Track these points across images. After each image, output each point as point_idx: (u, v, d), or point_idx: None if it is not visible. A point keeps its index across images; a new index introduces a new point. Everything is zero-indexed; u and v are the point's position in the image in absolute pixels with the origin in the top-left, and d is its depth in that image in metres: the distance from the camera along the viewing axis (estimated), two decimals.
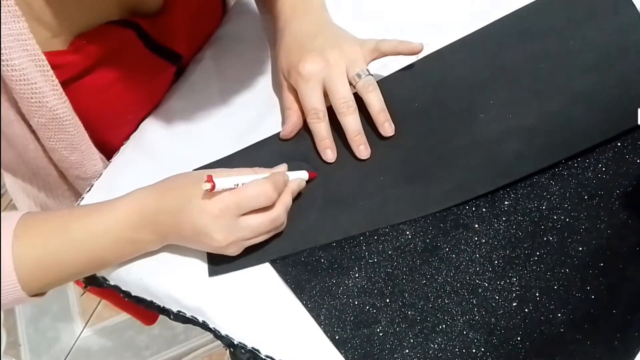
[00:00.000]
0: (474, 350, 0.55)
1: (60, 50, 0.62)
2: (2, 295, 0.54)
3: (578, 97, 0.66)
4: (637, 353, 0.54)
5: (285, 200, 0.60)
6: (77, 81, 0.64)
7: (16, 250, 0.55)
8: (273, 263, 0.61)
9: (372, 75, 0.67)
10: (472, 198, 0.62)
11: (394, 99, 0.69)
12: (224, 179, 0.56)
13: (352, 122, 0.66)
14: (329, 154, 0.67)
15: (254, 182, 0.57)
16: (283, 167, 0.63)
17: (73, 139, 0.66)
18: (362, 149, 0.66)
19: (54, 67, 0.60)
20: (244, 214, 0.56)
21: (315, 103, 0.66)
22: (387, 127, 0.66)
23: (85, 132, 0.67)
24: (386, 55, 0.69)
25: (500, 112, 0.67)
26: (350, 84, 0.66)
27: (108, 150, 0.75)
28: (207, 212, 0.55)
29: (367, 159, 0.67)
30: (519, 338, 0.55)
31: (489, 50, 0.72)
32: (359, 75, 0.66)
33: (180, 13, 0.71)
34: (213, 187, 0.54)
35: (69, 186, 0.75)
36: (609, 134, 0.63)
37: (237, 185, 0.57)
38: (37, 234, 0.57)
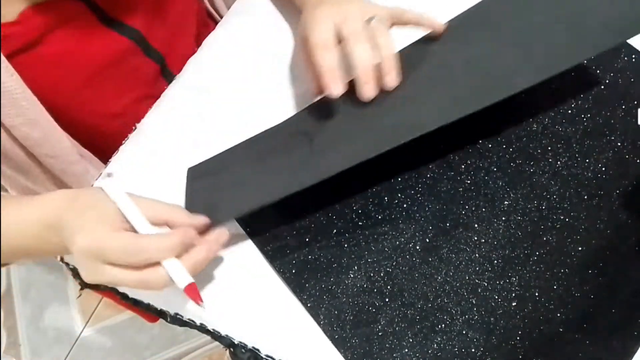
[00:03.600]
0: (473, 350, 0.55)
1: (5, 22, 0.61)
2: None
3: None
4: (635, 352, 0.54)
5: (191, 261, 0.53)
6: (24, 54, 0.63)
7: None
8: (272, 262, 0.61)
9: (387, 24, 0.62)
10: (468, 114, 0.56)
11: None
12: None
13: (362, 53, 0.58)
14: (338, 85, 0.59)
15: (129, 243, 0.50)
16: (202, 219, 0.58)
17: (29, 114, 0.64)
18: (368, 88, 0.59)
19: None
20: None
21: (325, 33, 0.60)
22: (389, 80, 0.60)
23: (43, 107, 0.66)
24: (407, 24, 0.64)
25: (494, 34, 0.65)
26: None
27: (79, 131, 0.74)
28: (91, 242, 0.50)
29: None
30: (518, 338, 0.55)
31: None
32: (371, 19, 0.60)
33: None
34: None
35: (43, 169, 0.73)
36: (613, 41, 0.59)
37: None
38: None
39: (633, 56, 0.69)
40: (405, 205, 0.63)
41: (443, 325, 0.56)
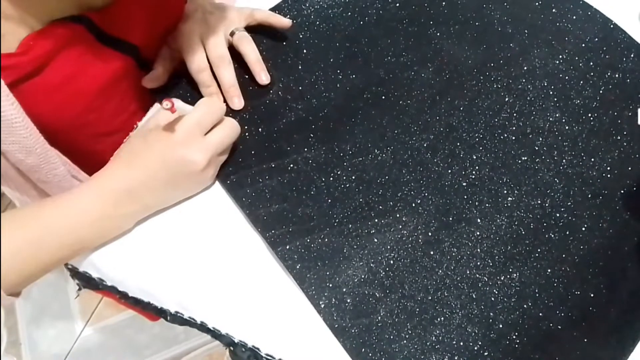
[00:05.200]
0: (471, 344, 0.55)
1: (8, 53, 0.60)
2: None
3: None
4: (632, 352, 0.54)
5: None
6: (27, 82, 0.63)
7: None
8: (275, 249, 0.61)
9: (246, 32, 0.74)
10: None
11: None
12: (183, 104, 0.60)
13: (226, 75, 0.72)
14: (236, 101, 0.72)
15: (202, 101, 0.63)
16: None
17: (26, 142, 0.63)
18: (236, 101, 0.72)
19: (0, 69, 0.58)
20: (206, 133, 0.62)
21: (199, 61, 0.72)
22: (262, 77, 0.73)
23: (40, 134, 0.65)
24: (258, 22, 0.77)
25: None
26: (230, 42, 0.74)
27: (75, 153, 0.72)
28: (174, 144, 0.59)
29: None
30: (516, 333, 0.55)
31: None
32: (233, 33, 0.74)
33: (133, 2, 0.71)
34: (172, 107, 0.56)
35: (38, 191, 0.73)
36: None
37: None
38: (9, 227, 0.56)
39: None
40: (409, 198, 0.63)
41: (442, 319, 0.56)
